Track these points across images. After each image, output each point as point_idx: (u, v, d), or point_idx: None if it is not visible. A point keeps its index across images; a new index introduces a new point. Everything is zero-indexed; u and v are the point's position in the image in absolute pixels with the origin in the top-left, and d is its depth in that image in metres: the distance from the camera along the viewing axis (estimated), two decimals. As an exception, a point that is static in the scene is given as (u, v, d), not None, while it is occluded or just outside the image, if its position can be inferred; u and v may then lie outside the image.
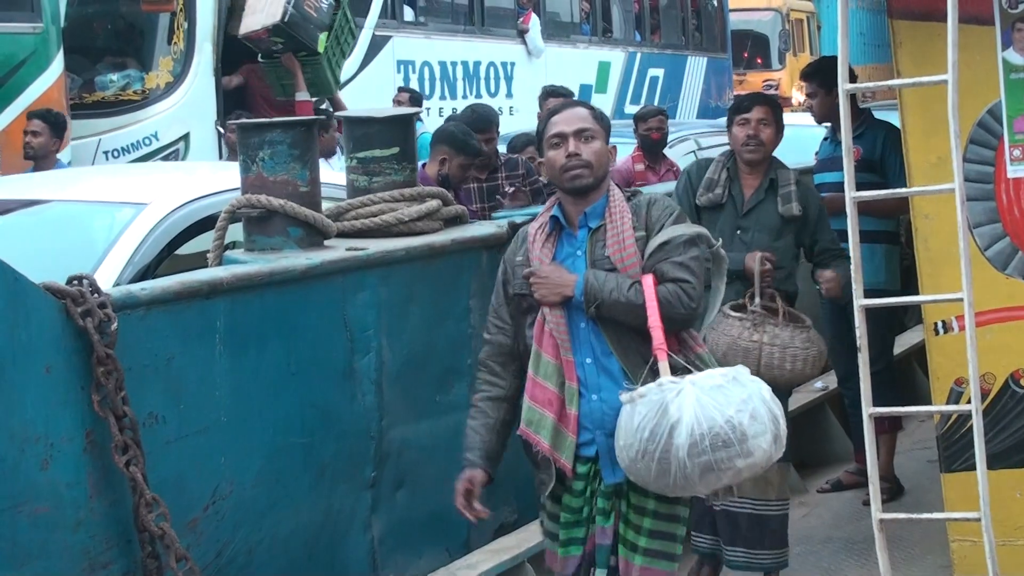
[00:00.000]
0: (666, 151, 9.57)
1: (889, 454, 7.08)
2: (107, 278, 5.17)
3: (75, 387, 3.63)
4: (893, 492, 6.91)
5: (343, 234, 5.00)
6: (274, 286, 4.28)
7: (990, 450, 4.97)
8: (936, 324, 5.56)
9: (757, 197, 5.80)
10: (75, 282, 3.69)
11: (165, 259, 5.38)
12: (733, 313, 5.49)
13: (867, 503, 4.99)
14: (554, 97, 9.15)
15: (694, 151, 10.53)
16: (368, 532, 4.68)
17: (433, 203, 5.43)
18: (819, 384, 8.45)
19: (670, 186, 8.15)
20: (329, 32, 9.87)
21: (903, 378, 8.12)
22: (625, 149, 9.20)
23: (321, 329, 4.24)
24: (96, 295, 3.68)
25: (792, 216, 5.74)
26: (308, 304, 4.38)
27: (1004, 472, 5.37)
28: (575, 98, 9.56)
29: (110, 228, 5.39)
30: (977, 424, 4.71)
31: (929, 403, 5.80)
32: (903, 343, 8.55)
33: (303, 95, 9.41)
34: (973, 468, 4.75)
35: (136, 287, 3.99)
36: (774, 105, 5.91)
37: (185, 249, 5.49)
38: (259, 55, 9.62)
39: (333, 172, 5.39)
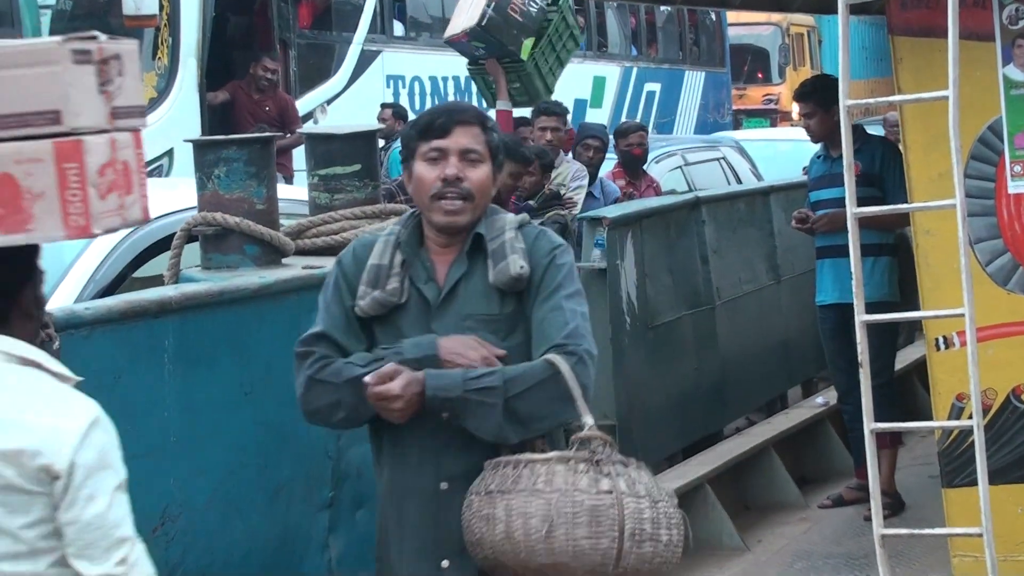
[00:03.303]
0: (651, 167, 9.39)
1: (890, 469, 7.06)
2: (68, 296, 5.15)
3: (16, 407, 3.50)
4: (894, 507, 6.89)
5: (304, 252, 4.97)
6: (225, 305, 4.20)
7: (991, 465, 4.98)
8: (937, 339, 5.59)
9: (457, 272, 3.50)
10: (15, 301, 3.53)
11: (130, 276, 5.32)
12: (540, 456, 3.28)
13: (868, 518, 5.07)
14: (547, 116, 8.81)
15: (680, 167, 10.36)
16: (326, 553, 4.59)
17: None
18: (820, 400, 8.46)
19: (652, 203, 7.99)
20: (539, 38, 9.25)
21: (904, 393, 8.11)
22: (606, 165, 9.00)
23: (276, 348, 4.15)
24: (37, 314, 3.53)
25: (512, 279, 3.43)
26: (262, 323, 4.30)
27: (1005, 487, 5.38)
28: (566, 114, 9.02)
29: (72, 245, 5.25)
30: (979, 439, 4.72)
31: (930, 418, 5.83)
32: (903, 359, 8.54)
33: (504, 104, 8.90)
34: (975, 483, 4.77)
35: (80, 306, 3.91)
36: (487, 126, 3.54)
37: (147, 271, 5.42)
38: (467, 61, 8.99)
39: (297, 189, 5.36)
